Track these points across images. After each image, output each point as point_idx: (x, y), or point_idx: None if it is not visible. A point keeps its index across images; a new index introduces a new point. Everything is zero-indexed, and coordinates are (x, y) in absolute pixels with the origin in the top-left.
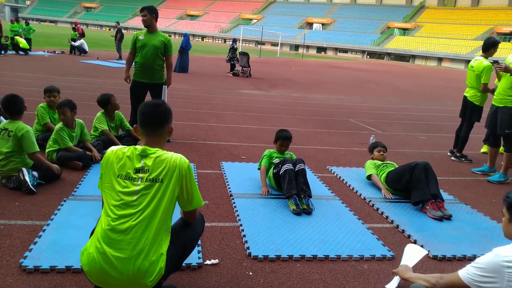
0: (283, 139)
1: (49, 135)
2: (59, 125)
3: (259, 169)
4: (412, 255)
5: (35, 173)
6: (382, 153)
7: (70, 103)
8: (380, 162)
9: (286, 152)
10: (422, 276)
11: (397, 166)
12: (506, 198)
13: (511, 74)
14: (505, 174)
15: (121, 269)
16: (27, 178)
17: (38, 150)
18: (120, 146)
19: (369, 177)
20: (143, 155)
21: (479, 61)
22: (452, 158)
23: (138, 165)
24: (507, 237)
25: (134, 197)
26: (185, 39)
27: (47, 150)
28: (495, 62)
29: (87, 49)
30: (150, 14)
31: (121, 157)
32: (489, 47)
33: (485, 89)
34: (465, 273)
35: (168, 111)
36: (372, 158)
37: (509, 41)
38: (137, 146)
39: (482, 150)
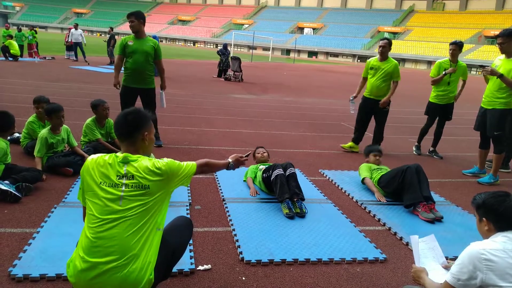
0: (256, 148)
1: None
2: (45, 130)
3: (244, 180)
4: (427, 251)
5: (6, 182)
6: (377, 157)
7: (61, 108)
8: (375, 166)
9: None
10: (429, 284)
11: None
12: (473, 200)
13: (497, 77)
14: (495, 175)
15: (108, 279)
16: (4, 188)
17: None
18: (101, 154)
19: (362, 180)
20: (125, 161)
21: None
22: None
23: (121, 172)
24: (482, 236)
25: (120, 203)
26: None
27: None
28: (481, 66)
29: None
30: (137, 20)
31: (102, 164)
32: None
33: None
34: (450, 276)
35: (139, 119)
36: (368, 162)
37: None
38: (118, 154)
39: (346, 145)
